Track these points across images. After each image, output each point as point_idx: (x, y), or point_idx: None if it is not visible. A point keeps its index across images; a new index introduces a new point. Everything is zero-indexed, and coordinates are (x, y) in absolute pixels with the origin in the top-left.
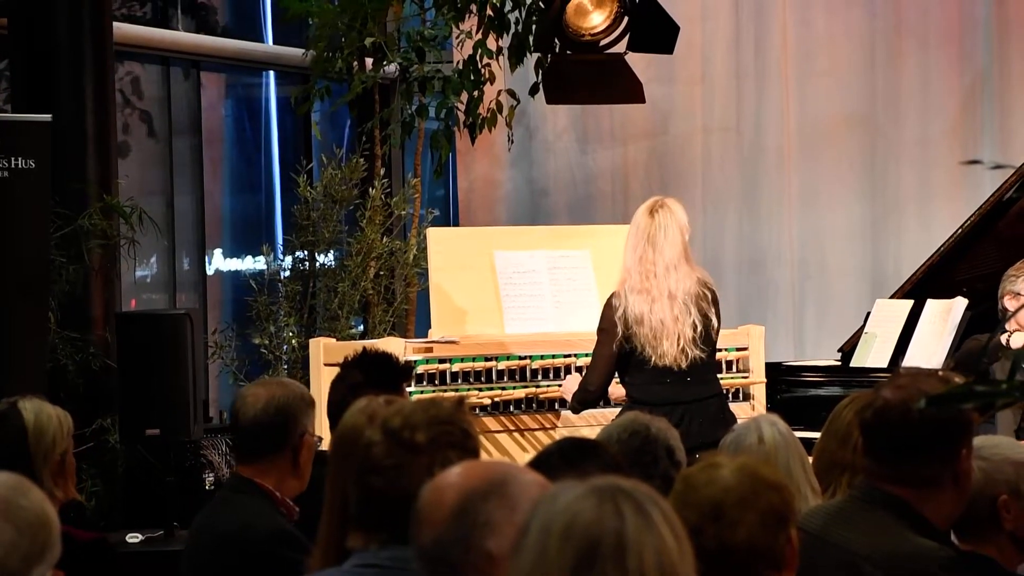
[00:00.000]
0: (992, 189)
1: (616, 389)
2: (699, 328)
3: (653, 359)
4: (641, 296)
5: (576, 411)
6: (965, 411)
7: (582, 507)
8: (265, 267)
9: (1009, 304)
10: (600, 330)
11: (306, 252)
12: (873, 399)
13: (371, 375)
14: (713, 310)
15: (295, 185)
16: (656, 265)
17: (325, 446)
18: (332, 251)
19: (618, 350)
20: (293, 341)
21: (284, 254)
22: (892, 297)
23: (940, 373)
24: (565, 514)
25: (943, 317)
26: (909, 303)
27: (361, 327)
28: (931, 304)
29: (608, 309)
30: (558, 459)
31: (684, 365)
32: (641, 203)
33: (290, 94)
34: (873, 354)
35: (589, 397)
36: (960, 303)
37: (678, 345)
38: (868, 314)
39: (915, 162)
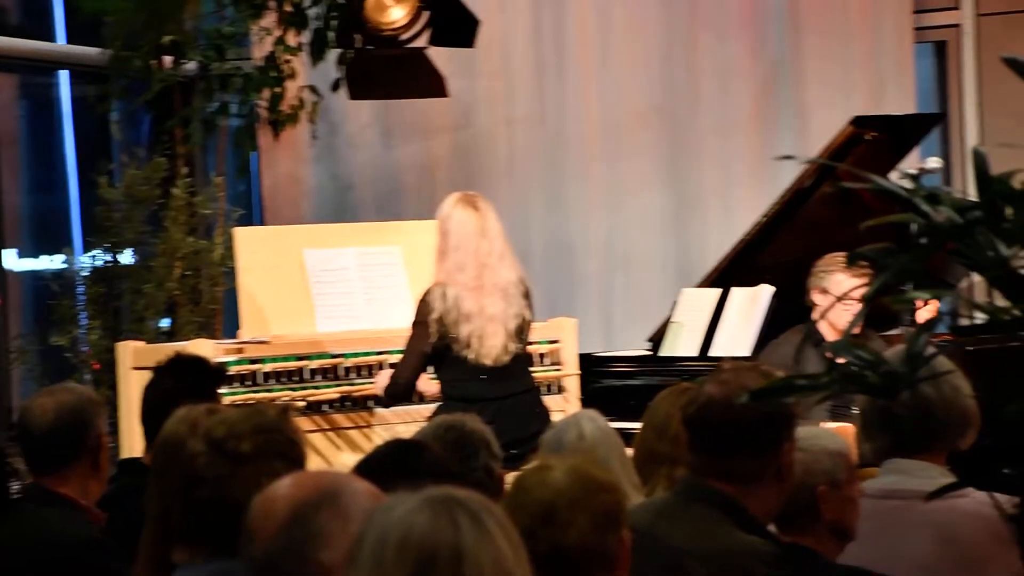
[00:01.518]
0: (793, 176)
1: (427, 385)
2: (520, 321)
3: (471, 357)
4: (475, 293)
5: (387, 405)
6: (787, 405)
7: (417, 519)
8: (65, 267)
9: (817, 298)
10: (416, 323)
11: (110, 253)
12: (696, 395)
13: (185, 381)
14: (527, 303)
15: (95, 185)
16: (491, 256)
17: (131, 452)
18: (134, 251)
19: (432, 347)
20: (99, 343)
21: (84, 254)
22: (699, 286)
23: (762, 367)
24: (400, 526)
25: (749, 305)
26: (716, 291)
27: (168, 325)
28: (736, 292)
29: (424, 305)
30: (386, 462)
31: (506, 360)
32: (445, 195)
33: (86, 93)
34: (682, 343)
35: (399, 390)
36: (766, 290)
37: (503, 340)
38: (675, 303)
39: (715, 151)
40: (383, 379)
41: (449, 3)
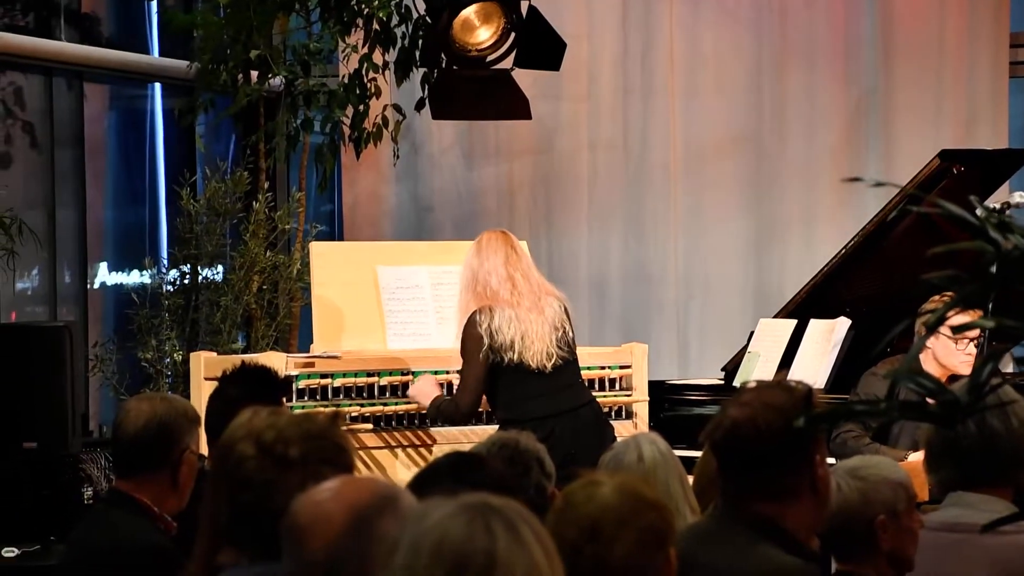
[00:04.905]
0: (876, 208)
1: None
2: (561, 332)
3: (514, 358)
4: (513, 300)
5: (434, 421)
6: None
7: (451, 525)
8: (149, 281)
9: (929, 343)
10: (465, 351)
11: (189, 266)
12: (721, 419)
13: (249, 389)
14: (567, 318)
15: (179, 198)
16: (521, 269)
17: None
18: (218, 265)
19: (487, 365)
20: (176, 355)
21: (168, 268)
22: (776, 316)
23: (781, 382)
24: (434, 532)
25: (826, 337)
26: (792, 323)
27: (244, 342)
28: (814, 324)
29: (471, 327)
30: (445, 473)
31: (549, 366)
32: (526, 219)
33: (175, 106)
34: (756, 373)
35: (457, 415)
36: (843, 323)
37: (545, 345)
38: (752, 333)
39: (800, 181)
40: (425, 387)
41: (536, 25)
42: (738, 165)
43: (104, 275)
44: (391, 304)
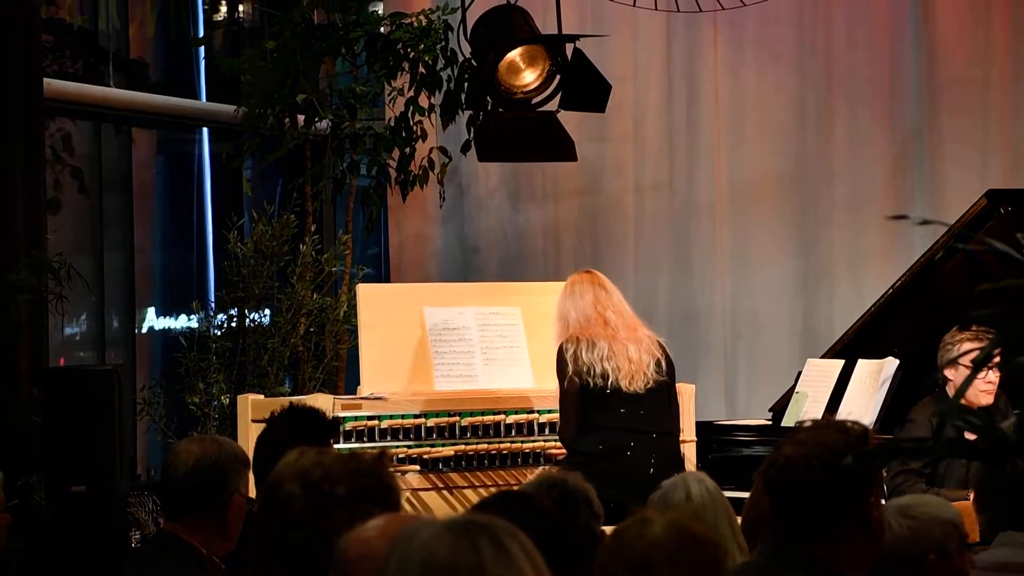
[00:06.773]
0: (923, 249)
1: None
2: (655, 360)
3: (608, 384)
4: (604, 331)
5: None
6: None
7: (438, 545)
8: (197, 324)
9: (949, 374)
10: (560, 380)
11: (236, 309)
12: (775, 458)
13: (298, 431)
14: (665, 352)
15: (227, 241)
16: (612, 305)
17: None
18: (265, 307)
19: (576, 389)
20: (223, 398)
21: (216, 311)
22: (823, 356)
23: (837, 422)
24: (421, 552)
25: (874, 377)
26: (840, 363)
27: (291, 384)
28: (862, 364)
29: (560, 358)
30: (495, 512)
31: (643, 390)
32: (572, 260)
33: (222, 150)
34: (804, 414)
35: (572, 447)
36: (891, 363)
37: (634, 366)
38: (799, 373)
39: (847, 221)
40: None
41: (582, 67)
42: (784, 205)
43: (152, 319)
44: (438, 345)
